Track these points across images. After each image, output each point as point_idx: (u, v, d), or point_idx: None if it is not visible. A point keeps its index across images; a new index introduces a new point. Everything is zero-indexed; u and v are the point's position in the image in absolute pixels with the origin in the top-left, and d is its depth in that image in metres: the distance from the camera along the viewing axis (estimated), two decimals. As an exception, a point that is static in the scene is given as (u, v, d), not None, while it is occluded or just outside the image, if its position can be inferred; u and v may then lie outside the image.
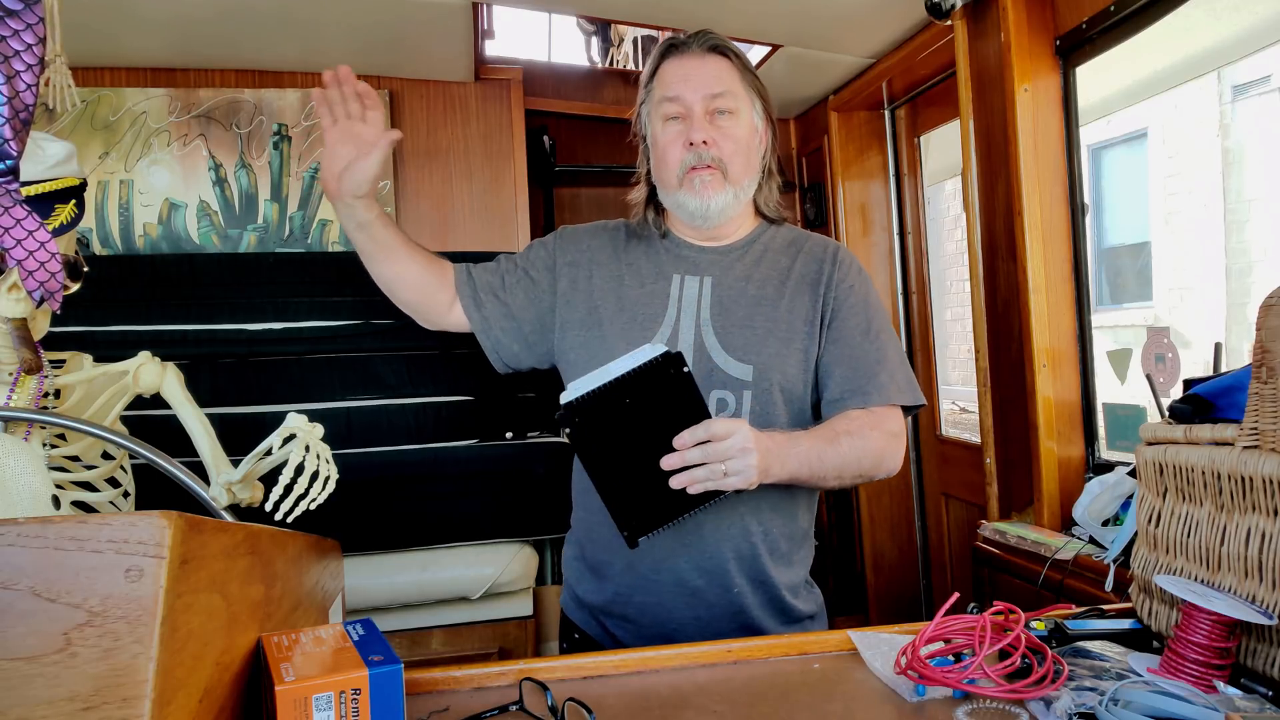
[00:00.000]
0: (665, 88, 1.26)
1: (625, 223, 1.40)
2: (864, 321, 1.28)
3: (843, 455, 1.17)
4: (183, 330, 2.41)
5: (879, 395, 1.23)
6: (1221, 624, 0.85)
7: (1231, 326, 5.49)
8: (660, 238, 1.34)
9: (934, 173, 2.96)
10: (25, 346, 1.06)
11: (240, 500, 1.21)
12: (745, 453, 1.02)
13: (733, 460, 1.02)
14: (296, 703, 0.65)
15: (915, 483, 2.92)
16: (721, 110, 1.25)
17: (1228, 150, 5.70)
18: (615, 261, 1.33)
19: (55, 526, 0.56)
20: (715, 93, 1.24)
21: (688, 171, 1.24)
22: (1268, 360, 0.86)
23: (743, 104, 1.27)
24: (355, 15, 2.36)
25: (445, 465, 2.40)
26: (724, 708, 0.88)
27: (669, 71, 1.27)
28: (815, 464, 1.15)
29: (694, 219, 1.28)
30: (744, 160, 1.27)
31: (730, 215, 1.29)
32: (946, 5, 2.04)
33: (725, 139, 1.25)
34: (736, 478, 1.03)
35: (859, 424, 1.20)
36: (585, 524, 1.32)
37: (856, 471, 1.19)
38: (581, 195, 3.42)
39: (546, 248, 1.37)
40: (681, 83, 1.25)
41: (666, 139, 1.26)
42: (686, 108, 1.24)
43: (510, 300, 1.32)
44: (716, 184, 1.24)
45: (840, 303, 1.28)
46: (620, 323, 1.26)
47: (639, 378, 0.99)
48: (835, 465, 1.17)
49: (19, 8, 0.87)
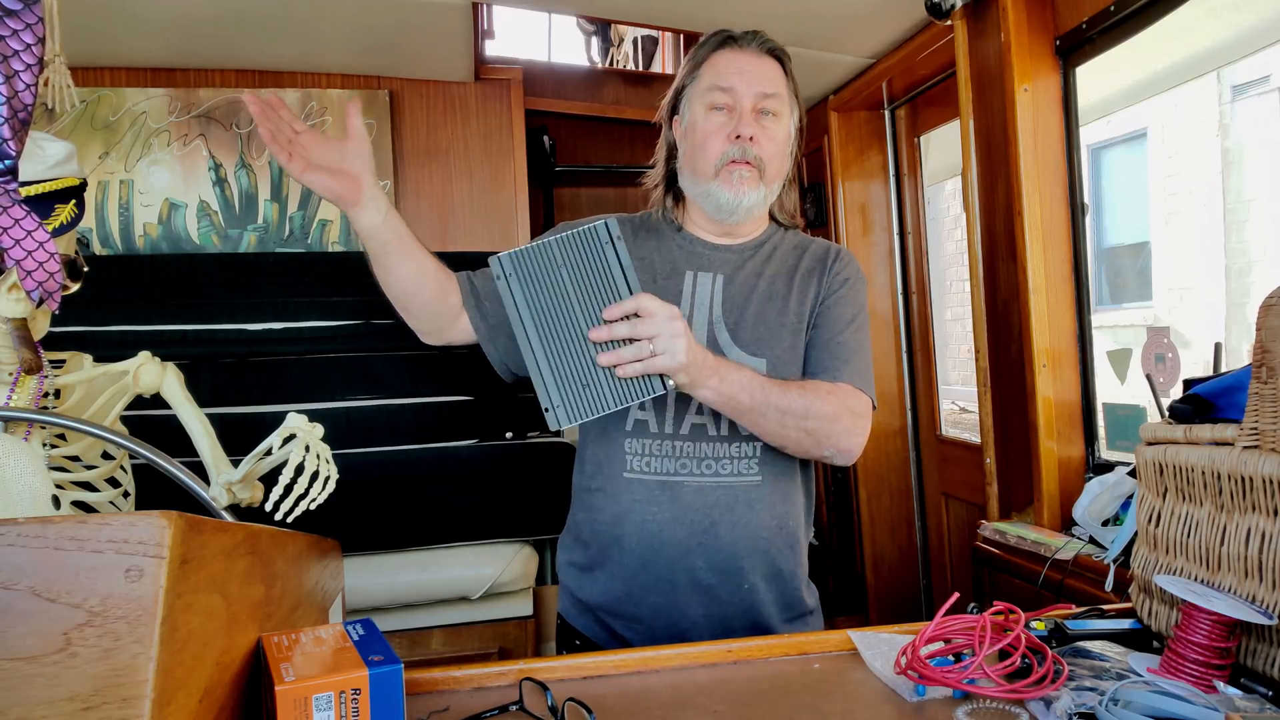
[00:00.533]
0: (717, 76, 1.26)
1: (631, 217, 1.39)
2: (849, 314, 1.30)
3: (790, 400, 1.15)
4: (183, 330, 2.41)
5: (848, 377, 1.24)
6: (1221, 624, 0.85)
7: (1231, 326, 5.50)
8: (675, 231, 1.35)
9: (934, 173, 2.96)
10: (25, 346, 1.06)
11: (240, 500, 1.21)
12: (674, 335, 1.01)
13: (660, 339, 1.01)
14: (296, 703, 0.65)
15: (915, 483, 2.92)
16: (767, 111, 1.26)
17: (1227, 150, 5.70)
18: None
19: (55, 526, 0.56)
20: (767, 92, 1.26)
21: (728, 164, 1.25)
22: (1268, 360, 0.86)
23: (785, 109, 1.29)
24: (355, 15, 2.36)
25: (445, 465, 2.40)
26: (724, 708, 0.88)
27: (723, 61, 1.27)
28: (757, 394, 1.12)
29: (720, 212, 1.28)
30: (779, 164, 1.29)
31: (755, 215, 1.31)
32: (946, 5, 2.04)
33: (768, 139, 1.26)
34: (664, 357, 1.01)
35: (819, 388, 1.20)
36: (588, 524, 1.31)
37: (802, 425, 1.16)
38: (581, 195, 3.42)
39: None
40: (736, 75, 1.25)
41: (709, 127, 1.26)
42: (736, 100, 1.25)
43: None
44: (753, 181, 1.25)
45: (831, 292, 1.31)
46: None
47: (573, 242, 1.00)
48: (778, 406, 1.14)
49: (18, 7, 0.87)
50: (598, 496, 1.29)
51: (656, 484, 1.23)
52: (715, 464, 1.23)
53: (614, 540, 1.26)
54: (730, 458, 1.24)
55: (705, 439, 1.23)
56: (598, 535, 1.29)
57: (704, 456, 1.23)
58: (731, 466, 1.24)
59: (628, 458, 1.24)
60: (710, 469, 1.23)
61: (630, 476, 1.24)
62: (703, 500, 1.22)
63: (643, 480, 1.23)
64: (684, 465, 1.23)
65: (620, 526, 1.25)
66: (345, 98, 2.74)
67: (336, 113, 2.74)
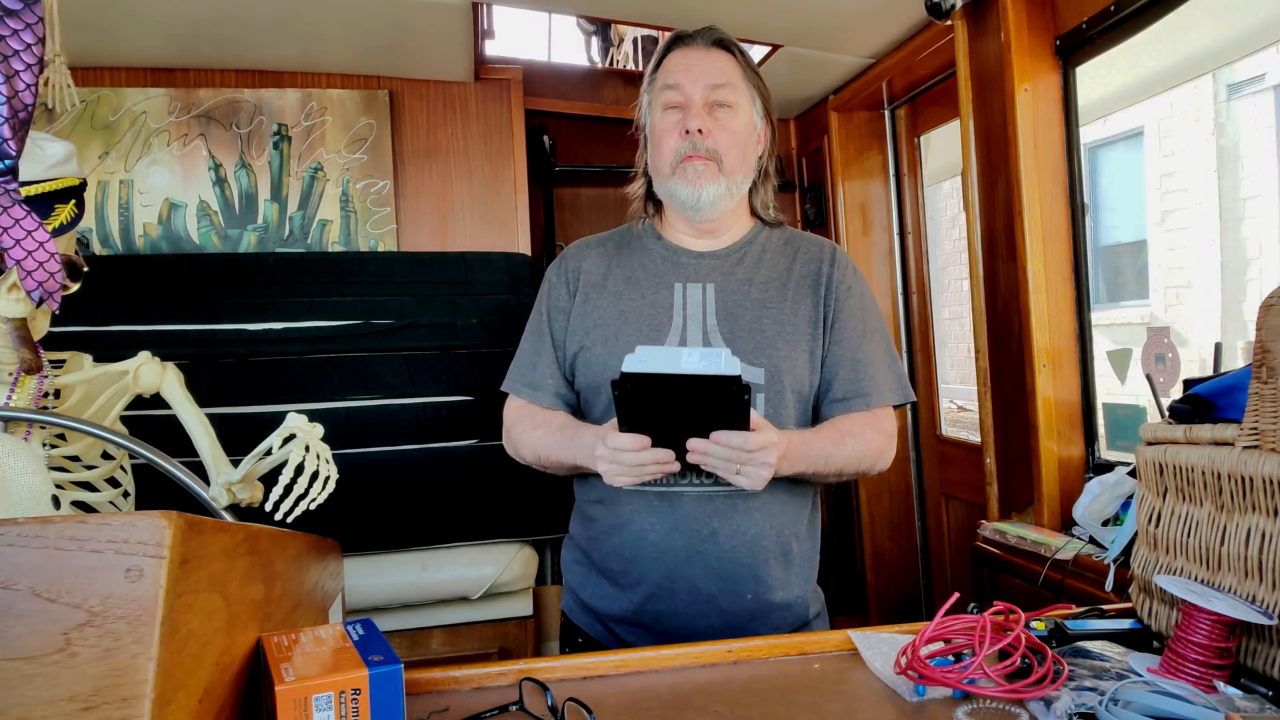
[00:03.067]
0: (667, 76, 1.27)
1: (606, 236, 1.40)
2: (861, 323, 1.30)
3: (846, 455, 1.23)
4: (183, 330, 2.41)
5: (878, 397, 1.28)
6: (1221, 624, 0.85)
7: (1227, 324, 5.50)
8: (655, 240, 1.34)
9: (934, 173, 2.96)
10: (25, 346, 1.06)
11: (240, 500, 1.21)
12: (764, 466, 1.07)
13: (749, 467, 1.07)
14: (296, 703, 0.65)
15: (915, 483, 2.92)
16: (720, 103, 1.26)
17: (1223, 149, 5.71)
18: (610, 278, 1.32)
19: (55, 526, 0.56)
20: (715, 84, 1.25)
21: (682, 160, 1.25)
22: (1268, 360, 0.86)
23: (742, 99, 1.28)
24: (355, 15, 2.36)
25: (445, 465, 2.40)
26: (724, 708, 0.88)
27: (672, 62, 1.28)
28: (821, 464, 1.21)
29: (685, 209, 1.28)
30: (740, 154, 1.28)
31: (722, 209, 1.29)
32: (946, 5, 2.04)
33: (722, 130, 1.25)
34: (744, 479, 1.08)
35: (860, 425, 1.26)
36: (589, 534, 1.31)
37: (855, 470, 1.26)
38: (581, 195, 3.42)
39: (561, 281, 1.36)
40: (683, 72, 1.26)
41: (664, 127, 1.27)
42: (686, 97, 1.25)
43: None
44: (710, 174, 1.25)
45: (841, 304, 1.30)
46: (626, 335, 1.26)
47: (703, 382, 1.01)
48: (838, 465, 1.23)
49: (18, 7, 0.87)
50: (596, 508, 1.29)
51: (655, 495, 1.22)
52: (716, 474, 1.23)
53: (613, 551, 1.25)
54: None
55: None
56: (598, 546, 1.29)
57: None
58: None
59: None
60: (711, 479, 1.22)
61: (629, 489, 1.23)
62: (702, 509, 1.21)
63: (641, 492, 1.22)
64: (683, 475, 1.22)
65: (619, 536, 1.25)
66: (345, 98, 2.74)
67: (336, 112, 2.74)
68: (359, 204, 2.75)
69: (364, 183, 2.76)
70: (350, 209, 2.75)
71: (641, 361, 1.00)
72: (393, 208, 2.78)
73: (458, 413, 2.52)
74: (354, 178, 2.75)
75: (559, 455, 1.25)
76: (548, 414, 1.30)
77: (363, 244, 2.75)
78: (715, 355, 1.01)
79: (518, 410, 1.34)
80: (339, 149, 2.74)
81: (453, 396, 2.53)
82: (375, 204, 2.77)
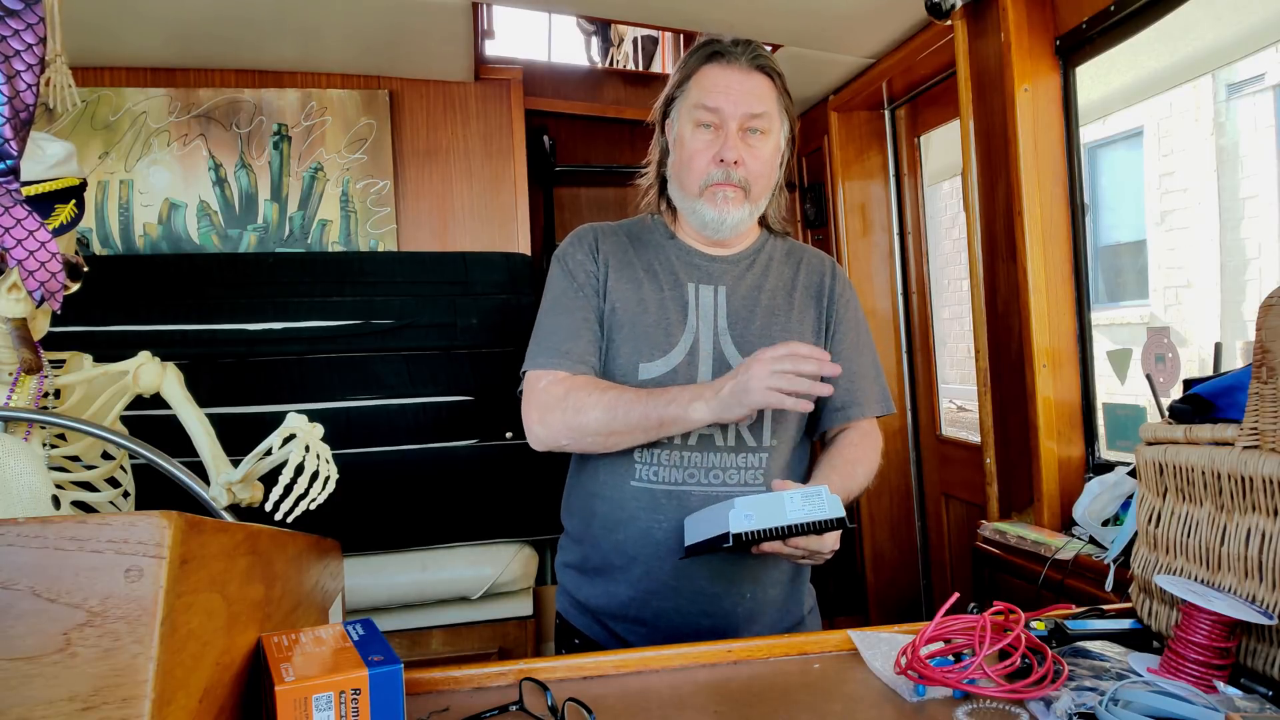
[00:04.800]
0: (704, 94, 1.24)
1: (618, 226, 1.39)
2: (856, 336, 1.36)
3: (859, 484, 1.29)
4: (183, 330, 2.41)
5: (869, 407, 1.35)
6: (1221, 624, 0.85)
7: (1226, 324, 5.49)
8: (668, 238, 1.35)
9: (934, 173, 2.95)
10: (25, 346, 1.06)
11: (240, 500, 1.21)
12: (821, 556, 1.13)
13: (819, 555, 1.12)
14: (296, 703, 0.65)
15: (915, 483, 2.92)
16: (755, 130, 1.25)
17: (1222, 148, 5.71)
18: (629, 265, 1.32)
19: (55, 526, 0.56)
20: (754, 112, 1.24)
21: (711, 185, 1.24)
22: (1268, 360, 0.86)
23: (774, 125, 1.27)
24: (355, 15, 2.36)
25: (445, 465, 2.41)
26: (724, 708, 0.88)
27: (710, 77, 1.25)
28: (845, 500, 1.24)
29: (706, 229, 1.29)
30: (766, 181, 1.29)
31: (742, 230, 1.32)
32: (946, 5, 2.04)
33: (754, 159, 1.25)
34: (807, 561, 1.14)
35: (862, 449, 1.32)
36: (590, 530, 1.31)
37: (859, 492, 1.32)
38: (581, 195, 3.42)
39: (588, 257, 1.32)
40: (723, 94, 1.23)
41: (696, 146, 1.25)
42: (722, 120, 1.23)
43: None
44: (737, 201, 1.25)
45: (840, 317, 1.35)
46: (643, 326, 1.26)
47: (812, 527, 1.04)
48: (855, 494, 1.29)
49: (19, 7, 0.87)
50: (600, 503, 1.28)
51: (663, 493, 1.23)
52: (723, 474, 1.24)
53: (617, 547, 1.26)
54: (737, 467, 1.25)
55: (713, 449, 1.24)
56: (599, 542, 1.29)
57: (711, 466, 1.24)
58: (739, 476, 1.25)
59: (636, 467, 1.24)
60: (718, 479, 1.24)
61: (637, 485, 1.24)
62: None
63: (649, 489, 1.23)
64: (691, 475, 1.23)
65: (623, 532, 1.25)
66: (345, 98, 2.74)
67: (336, 112, 2.74)
68: (359, 204, 2.76)
69: (364, 183, 2.76)
70: (350, 209, 2.75)
71: (747, 518, 1.03)
72: (393, 208, 2.78)
73: (457, 413, 2.53)
74: (354, 178, 2.75)
75: (644, 409, 1.16)
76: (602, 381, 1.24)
77: (363, 244, 2.75)
78: (816, 495, 1.04)
79: (562, 382, 1.22)
80: (339, 149, 2.74)
81: (452, 397, 2.53)
82: (375, 204, 2.77)
